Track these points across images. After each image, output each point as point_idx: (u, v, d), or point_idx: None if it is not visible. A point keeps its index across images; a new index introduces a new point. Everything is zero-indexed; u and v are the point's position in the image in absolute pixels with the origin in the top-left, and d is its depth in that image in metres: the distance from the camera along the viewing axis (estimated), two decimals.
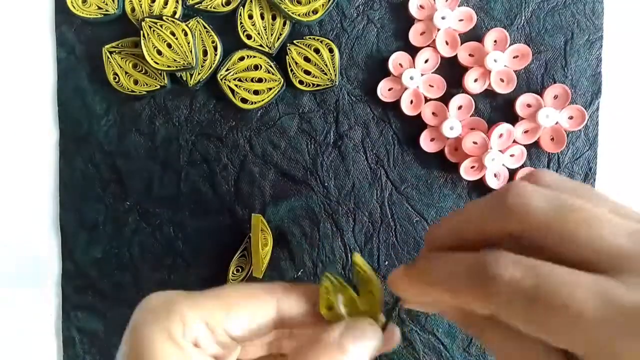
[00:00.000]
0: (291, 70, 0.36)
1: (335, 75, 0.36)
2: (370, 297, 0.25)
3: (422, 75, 0.36)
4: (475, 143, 0.36)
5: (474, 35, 0.36)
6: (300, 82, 0.36)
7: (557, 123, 0.36)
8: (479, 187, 0.37)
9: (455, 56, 0.36)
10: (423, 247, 0.24)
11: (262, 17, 0.36)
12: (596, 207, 0.18)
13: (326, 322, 0.24)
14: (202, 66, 0.36)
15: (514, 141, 0.36)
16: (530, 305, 0.17)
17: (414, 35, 0.36)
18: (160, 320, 0.22)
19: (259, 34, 0.36)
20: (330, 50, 0.36)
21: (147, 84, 0.37)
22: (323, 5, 0.36)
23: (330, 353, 0.22)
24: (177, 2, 0.36)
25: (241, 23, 0.36)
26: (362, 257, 0.25)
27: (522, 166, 0.37)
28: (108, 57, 0.37)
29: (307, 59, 0.36)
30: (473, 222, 0.21)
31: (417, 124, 0.37)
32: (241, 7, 0.36)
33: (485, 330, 0.21)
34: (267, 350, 0.28)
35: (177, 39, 0.35)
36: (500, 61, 0.35)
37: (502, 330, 0.20)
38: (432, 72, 0.36)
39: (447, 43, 0.36)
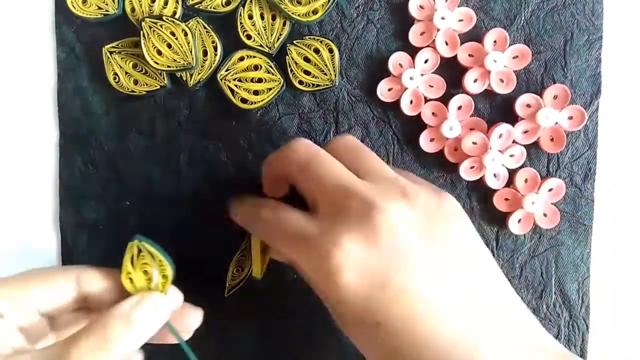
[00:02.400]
0: (291, 70, 0.36)
1: (335, 75, 0.36)
2: (165, 278, 0.28)
3: (421, 75, 0.36)
4: (474, 143, 0.36)
5: (474, 35, 0.36)
6: (300, 82, 0.36)
7: (556, 123, 0.36)
8: (479, 187, 0.37)
9: (455, 56, 0.36)
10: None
11: (262, 17, 0.36)
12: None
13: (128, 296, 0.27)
14: (202, 66, 0.36)
15: (514, 141, 0.36)
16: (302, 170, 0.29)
17: (414, 36, 0.36)
18: None
19: (259, 34, 0.36)
20: (330, 51, 0.36)
21: (147, 84, 0.37)
22: (323, 5, 0.36)
23: (118, 325, 0.25)
24: (177, 2, 0.36)
25: (241, 23, 0.36)
26: (148, 242, 0.28)
27: (522, 166, 0.37)
28: (108, 57, 0.37)
29: (307, 59, 0.36)
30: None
31: (416, 124, 0.37)
32: (241, 7, 0.36)
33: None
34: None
35: (177, 39, 0.35)
36: (500, 61, 0.35)
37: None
38: (432, 73, 0.37)
39: (446, 43, 0.36)
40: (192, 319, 0.30)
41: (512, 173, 0.37)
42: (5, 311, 0.26)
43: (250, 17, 0.36)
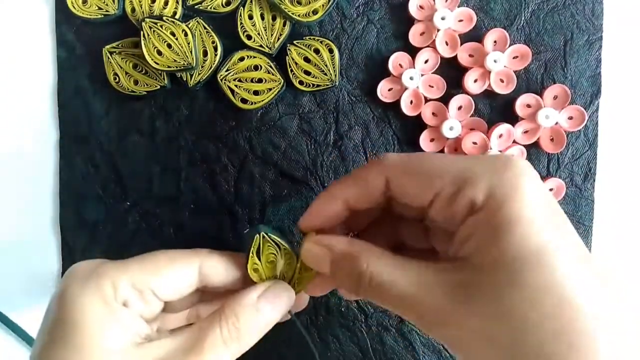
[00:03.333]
0: (291, 70, 0.36)
1: (335, 75, 0.36)
2: (307, 273, 0.28)
3: (422, 75, 0.36)
4: (475, 143, 0.36)
5: (474, 35, 0.36)
6: (300, 83, 0.36)
7: (556, 123, 0.36)
8: None
9: (455, 56, 0.36)
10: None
11: (262, 18, 0.36)
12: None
13: (250, 283, 0.28)
14: (202, 66, 0.36)
15: (514, 141, 0.36)
16: (410, 159, 0.25)
17: (414, 36, 0.36)
18: (91, 285, 0.25)
19: (259, 34, 0.36)
20: (330, 51, 0.36)
21: (147, 84, 0.37)
22: (323, 5, 0.36)
23: (248, 312, 0.26)
24: (177, 2, 0.36)
25: (241, 23, 0.36)
26: (272, 233, 0.28)
27: None
28: (108, 58, 0.37)
29: (307, 60, 0.36)
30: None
31: (417, 124, 0.37)
32: (241, 8, 0.36)
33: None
34: (186, 321, 0.31)
35: (177, 39, 0.35)
36: (500, 61, 0.35)
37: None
38: (432, 73, 0.37)
39: (447, 43, 0.36)
40: (302, 300, 0.30)
41: None
42: (130, 298, 0.25)
43: (251, 17, 0.36)
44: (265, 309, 0.27)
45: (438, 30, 0.36)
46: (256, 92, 0.37)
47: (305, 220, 0.28)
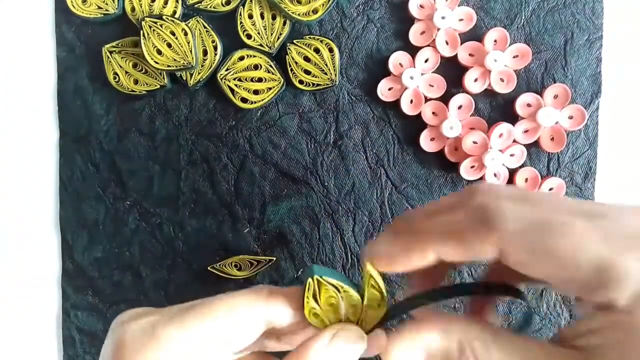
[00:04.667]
0: (291, 69, 0.36)
1: (335, 74, 0.36)
2: (372, 311, 0.25)
3: (422, 74, 0.36)
4: (475, 142, 0.36)
5: (474, 35, 0.36)
6: (300, 82, 0.36)
7: (557, 123, 0.36)
8: None
9: (455, 56, 0.36)
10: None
11: (262, 17, 0.36)
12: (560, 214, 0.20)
13: (313, 326, 0.25)
14: (202, 66, 0.36)
15: (514, 141, 0.36)
16: (538, 232, 0.19)
17: (414, 35, 0.36)
18: (149, 347, 0.22)
19: (259, 33, 0.36)
20: (330, 50, 0.36)
21: (147, 84, 0.37)
22: (323, 4, 0.36)
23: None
24: (177, 1, 0.36)
25: (241, 23, 0.36)
26: (328, 275, 0.25)
27: (522, 166, 0.37)
28: (108, 57, 0.37)
29: (307, 59, 0.36)
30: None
31: (417, 124, 0.37)
32: (241, 7, 0.36)
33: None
34: (250, 349, 0.28)
35: (177, 38, 0.35)
36: (500, 61, 0.35)
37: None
38: (432, 72, 0.36)
39: (447, 43, 0.36)
40: (380, 341, 0.26)
41: (512, 172, 0.37)
42: (190, 357, 0.23)
43: (250, 16, 0.36)
44: (338, 356, 0.24)
45: (438, 29, 0.36)
46: (256, 92, 0.37)
47: (383, 265, 0.24)
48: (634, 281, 0.18)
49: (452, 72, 0.36)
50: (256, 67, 0.37)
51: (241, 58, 0.36)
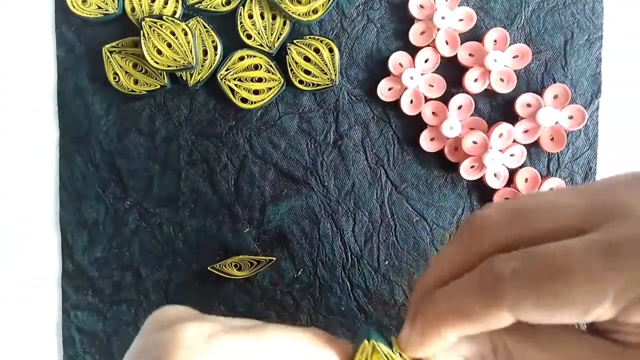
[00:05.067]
0: (291, 70, 0.36)
1: (335, 75, 0.36)
2: None
3: (422, 75, 0.36)
4: (475, 143, 0.36)
5: (474, 35, 0.36)
6: (300, 82, 0.36)
7: (557, 123, 0.36)
8: (479, 187, 0.37)
9: (455, 56, 0.36)
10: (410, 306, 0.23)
11: (262, 17, 0.36)
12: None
13: None
14: (202, 66, 0.36)
15: (514, 141, 0.36)
16: (540, 283, 0.17)
17: (414, 35, 0.36)
18: (208, 352, 0.20)
19: (259, 33, 0.36)
20: (330, 50, 0.36)
21: (147, 84, 0.37)
22: (323, 5, 0.36)
23: None
24: (177, 1, 0.36)
25: (241, 23, 0.36)
26: (383, 342, 0.23)
27: (522, 166, 0.37)
28: (108, 57, 0.37)
29: (307, 59, 0.36)
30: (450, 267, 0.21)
31: (417, 124, 0.37)
32: (241, 7, 0.36)
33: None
34: None
35: (177, 38, 0.35)
36: (500, 61, 0.35)
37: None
38: (432, 72, 0.36)
39: (447, 43, 0.36)
40: None
41: (512, 172, 0.37)
42: None
43: (251, 16, 0.36)
44: None
45: (438, 29, 0.36)
46: (256, 92, 0.37)
47: (407, 352, 0.22)
48: None
49: (452, 72, 0.37)
50: (256, 67, 0.37)
51: (241, 58, 0.36)
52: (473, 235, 0.20)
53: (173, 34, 0.35)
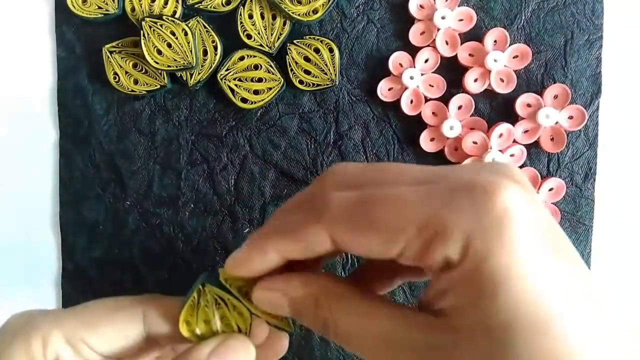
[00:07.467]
0: (291, 70, 0.36)
1: (336, 75, 0.36)
2: (241, 318, 0.24)
3: (422, 75, 0.36)
4: (475, 143, 0.36)
5: (474, 35, 0.36)
6: (301, 82, 0.36)
7: (557, 123, 0.36)
8: None
9: (455, 56, 0.36)
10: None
11: (262, 17, 0.36)
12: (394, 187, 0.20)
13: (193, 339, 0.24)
14: (202, 66, 0.36)
15: (514, 141, 0.36)
16: (358, 208, 0.19)
17: (414, 35, 0.36)
18: (20, 340, 0.23)
19: (259, 33, 0.36)
20: (330, 50, 0.36)
21: (147, 84, 0.37)
22: (323, 5, 0.36)
23: None
24: (177, 1, 0.36)
25: (241, 23, 0.36)
26: (214, 285, 0.24)
27: (522, 166, 0.37)
28: (108, 57, 0.37)
29: (307, 59, 0.36)
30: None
31: (417, 124, 0.37)
32: (241, 7, 0.36)
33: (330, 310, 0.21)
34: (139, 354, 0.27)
35: (177, 38, 0.35)
36: (500, 61, 0.35)
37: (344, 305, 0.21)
38: (432, 72, 0.36)
39: (447, 43, 0.36)
40: (279, 347, 0.26)
41: None
42: (63, 355, 0.23)
43: (251, 16, 0.36)
44: None
45: (438, 29, 0.36)
46: (256, 92, 0.37)
47: (233, 271, 0.23)
48: (461, 232, 0.17)
49: (452, 72, 0.37)
50: (256, 67, 0.37)
51: (241, 58, 0.36)
52: (322, 176, 0.22)
53: (173, 34, 0.35)
